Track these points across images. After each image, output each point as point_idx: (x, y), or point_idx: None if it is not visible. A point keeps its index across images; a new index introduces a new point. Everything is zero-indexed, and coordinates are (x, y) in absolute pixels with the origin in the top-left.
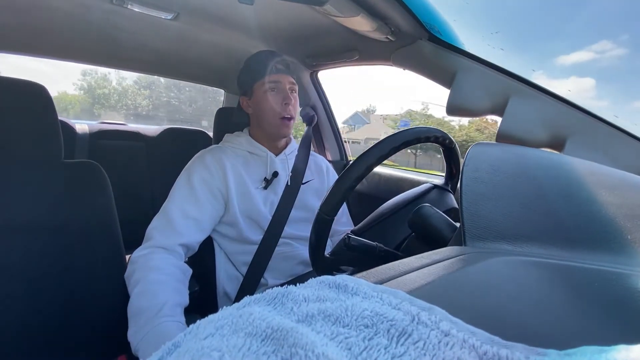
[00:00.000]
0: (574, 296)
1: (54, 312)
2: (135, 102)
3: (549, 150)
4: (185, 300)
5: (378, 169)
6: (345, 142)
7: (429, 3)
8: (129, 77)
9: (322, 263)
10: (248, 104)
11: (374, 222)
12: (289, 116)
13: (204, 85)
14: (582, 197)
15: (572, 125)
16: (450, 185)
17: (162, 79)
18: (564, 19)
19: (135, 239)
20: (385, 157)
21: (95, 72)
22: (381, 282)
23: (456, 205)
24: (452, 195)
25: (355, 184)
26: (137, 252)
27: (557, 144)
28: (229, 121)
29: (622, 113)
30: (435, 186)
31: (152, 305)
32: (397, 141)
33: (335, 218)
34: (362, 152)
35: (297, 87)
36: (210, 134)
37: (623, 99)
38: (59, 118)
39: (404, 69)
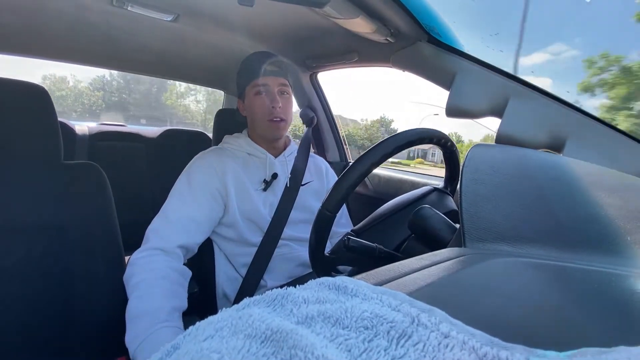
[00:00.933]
0: (573, 297)
1: (54, 313)
2: (90, 102)
3: (548, 151)
4: (183, 303)
5: (378, 170)
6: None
7: (428, 5)
8: (85, 80)
9: (322, 262)
10: (243, 107)
11: (374, 222)
12: (278, 118)
13: (151, 89)
14: (581, 199)
15: (572, 126)
16: (449, 188)
17: (114, 82)
18: (520, 20)
19: (135, 240)
20: (389, 155)
21: (54, 76)
22: (381, 284)
23: (455, 208)
24: (451, 198)
25: (359, 182)
26: (136, 254)
27: (557, 146)
28: (228, 122)
29: None
30: (435, 189)
31: (149, 311)
32: (400, 141)
33: (335, 219)
34: (366, 151)
35: (289, 88)
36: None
37: (579, 98)
38: (59, 119)
39: (404, 71)
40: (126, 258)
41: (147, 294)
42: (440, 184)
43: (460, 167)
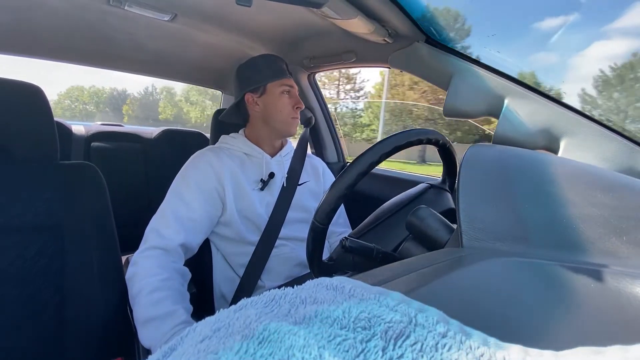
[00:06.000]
0: (570, 297)
1: (49, 313)
2: None
3: (544, 151)
4: (190, 306)
5: (375, 170)
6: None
7: (426, 5)
8: None
9: (320, 269)
10: (256, 101)
11: (371, 225)
12: (298, 118)
13: None
14: (578, 199)
15: (568, 126)
16: (447, 184)
17: None
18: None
19: (131, 240)
20: (376, 163)
21: None
22: (378, 284)
23: (453, 206)
24: (449, 195)
25: (347, 192)
26: (138, 254)
27: (553, 146)
28: (226, 122)
29: None
30: (431, 186)
31: (167, 313)
32: (387, 147)
33: (333, 220)
34: (353, 160)
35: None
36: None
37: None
38: (55, 119)
39: (401, 71)
40: (123, 258)
41: (160, 297)
42: (436, 180)
43: (458, 167)
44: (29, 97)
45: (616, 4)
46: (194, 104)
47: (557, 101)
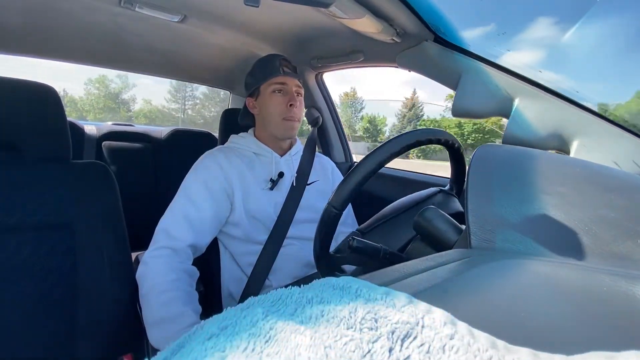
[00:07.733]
0: (583, 300)
1: (60, 310)
2: None
3: (556, 152)
4: (199, 307)
5: (383, 170)
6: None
7: (434, 4)
8: None
9: (326, 260)
10: (254, 105)
11: (379, 222)
12: (293, 118)
13: None
14: (591, 200)
15: (580, 126)
16: (455, 190)
17: None
18: None
19: (141, 239)
20: (397, 154)
21: None
22: (385, 284)
23: (461, 209)
24: (457, 200)
25: (365, 180)
26: (148, 254)
27: (565, 146)
28: (234, 122)
29: None
30: (441, 190)
31: (177, 314)
32: (409, 139)
33: (341, 219)
34: (374, 149)
35: (302, 91)
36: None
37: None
38: (68, 119)
39: (409, 71)
40: (133, 256)
41: (169, 298)
42: (446, 184)
43: (467, 168)
44: (43, 97)
45: (524, 17)
46: (88, 111)
47: (570, 100)
